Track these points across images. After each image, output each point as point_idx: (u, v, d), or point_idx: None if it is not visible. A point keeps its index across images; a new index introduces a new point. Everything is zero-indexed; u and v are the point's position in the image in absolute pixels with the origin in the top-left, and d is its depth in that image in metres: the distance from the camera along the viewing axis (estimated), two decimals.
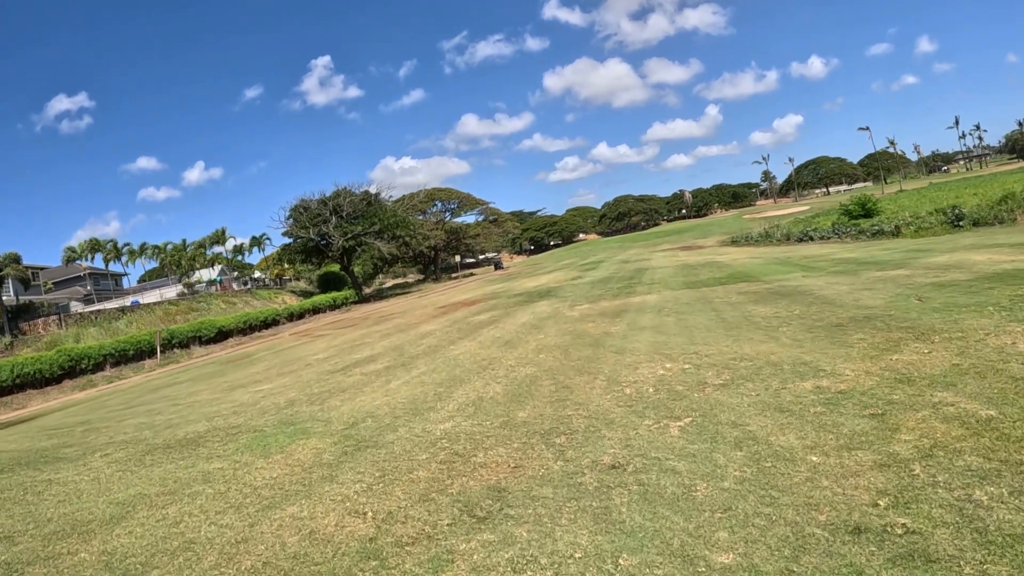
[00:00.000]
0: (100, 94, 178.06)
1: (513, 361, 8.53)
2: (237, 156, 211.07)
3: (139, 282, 73.63)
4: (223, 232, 50.81)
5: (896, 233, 27.64)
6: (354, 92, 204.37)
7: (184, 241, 54.05)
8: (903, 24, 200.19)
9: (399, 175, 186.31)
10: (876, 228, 29.52)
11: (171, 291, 44.60)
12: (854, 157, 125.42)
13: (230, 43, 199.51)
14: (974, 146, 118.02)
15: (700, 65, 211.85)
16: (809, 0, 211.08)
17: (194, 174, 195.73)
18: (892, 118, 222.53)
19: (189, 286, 44.49)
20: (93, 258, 52.15)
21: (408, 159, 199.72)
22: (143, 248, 51.73)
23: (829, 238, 31.41)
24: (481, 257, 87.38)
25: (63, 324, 33.89)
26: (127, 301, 44.11)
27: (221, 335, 32.78)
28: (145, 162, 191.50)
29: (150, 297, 46.09)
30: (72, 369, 27.19)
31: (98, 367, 28.11)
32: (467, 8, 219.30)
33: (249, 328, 34.72)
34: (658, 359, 6.99)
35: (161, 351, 29.89)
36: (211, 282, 45.60)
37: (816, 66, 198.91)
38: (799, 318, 8.35)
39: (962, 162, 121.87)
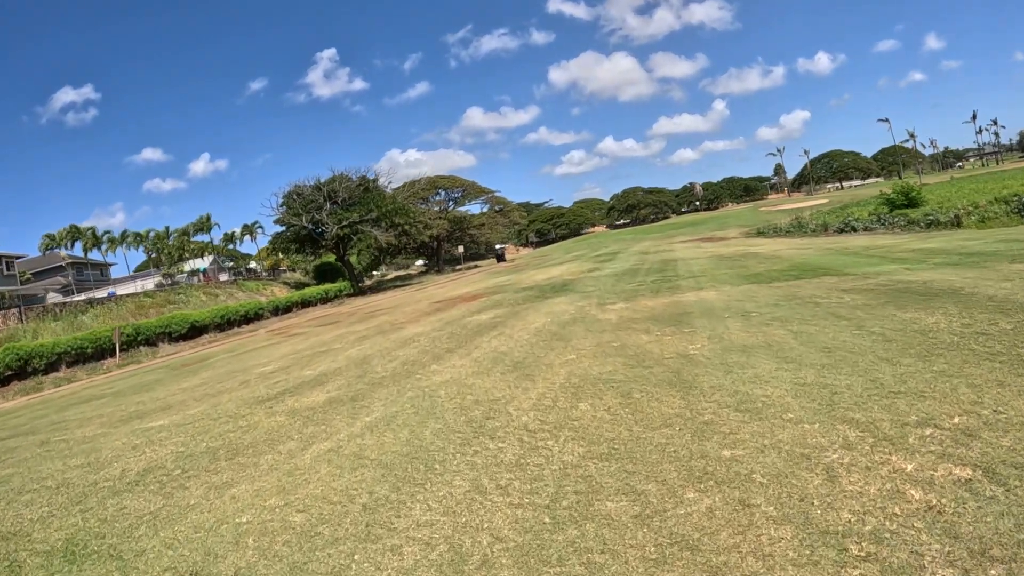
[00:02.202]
0: (105, 86, 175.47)
1: (530, 416, 4.81)
2: (242, 148, 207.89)
3: (135, 272, 70.60)
4: (208, 219, 47.16)
5: (956, 223, 25.24)
6: (359, 85, 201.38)
7: (167, 229, 50.62)
8: (910, 21, 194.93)
9: (404, 167, 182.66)
10: (931, 218, 26.96)
11: (151, 282, 41.31)
12: (863, 152, 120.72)
13: (235, 35, 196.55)
14: (986, 143, 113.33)
15: (706, 60, 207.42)
16: None
17: (199, 166, 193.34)
18: (899, 115, 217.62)
19: (169, 276, 41.09)
20: (73, 246, 48.93)
21: (413, 152, 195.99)
22: (124, 236, 48.28)
23: (874, 228, 29.13)
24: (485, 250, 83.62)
25: (23, 317, 30.63)
26: (104, 292, 41.03)
27: (194, 331, 29.38)
28: (150, 153, 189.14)
29: (131, 288, 42.97)
30: (22, 369, 23.91)
31: (52, 367, 24.82)
32: (472, 2, 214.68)
33: (227, 323, 31.28)
34: (860, 438, 3.32)
35: (123, 349, 26.57)
36: (193, 272, 42.12)
37: (823, 62, 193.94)
38: None
39: (972, 159, 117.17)
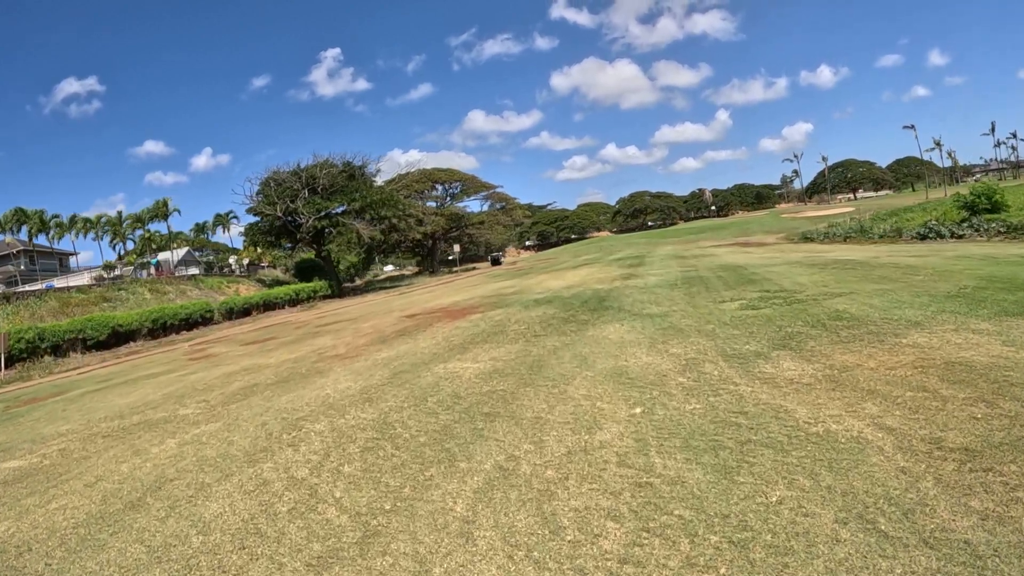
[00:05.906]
0: (110, 79, 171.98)
1: None
2: (245, 144, 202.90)
3: (119, 260, 64.84)
4: (165, 204, 41.08)
5: None
6: (362, 85, 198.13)
7: (120, 214, 44.61)
8: (914, 36, 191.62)
9: (405, 169, 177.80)
10: None
11: (91, 276, 35.34)
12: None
13: (239, 32, 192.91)
14: (991, 158, 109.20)
15: (709, 69, 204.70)
16: (818, 9, 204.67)
17: (201, 160, 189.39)
18: (904, 129, 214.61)
19: (110, 268, 35.13)
20: (19, 230, 43.09)
21: (415, 152, 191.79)
22: (73, 221, 42.39)
23: (965, 235, 24.68)
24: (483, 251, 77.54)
25: None
26: (44, 285, 35.24)
27: (117, 337, 23.45)
28: (152, 146, 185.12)
29: (72, 281, 37.08)
30: None
31: None
32: (476, 5, 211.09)
33: (162, 328, 25.33)
34: None
35: (21, 359, 20.66)
36: (142, 265, 36.22)
37: (825, 75, 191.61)
38: None
39: (979, 174, 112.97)
